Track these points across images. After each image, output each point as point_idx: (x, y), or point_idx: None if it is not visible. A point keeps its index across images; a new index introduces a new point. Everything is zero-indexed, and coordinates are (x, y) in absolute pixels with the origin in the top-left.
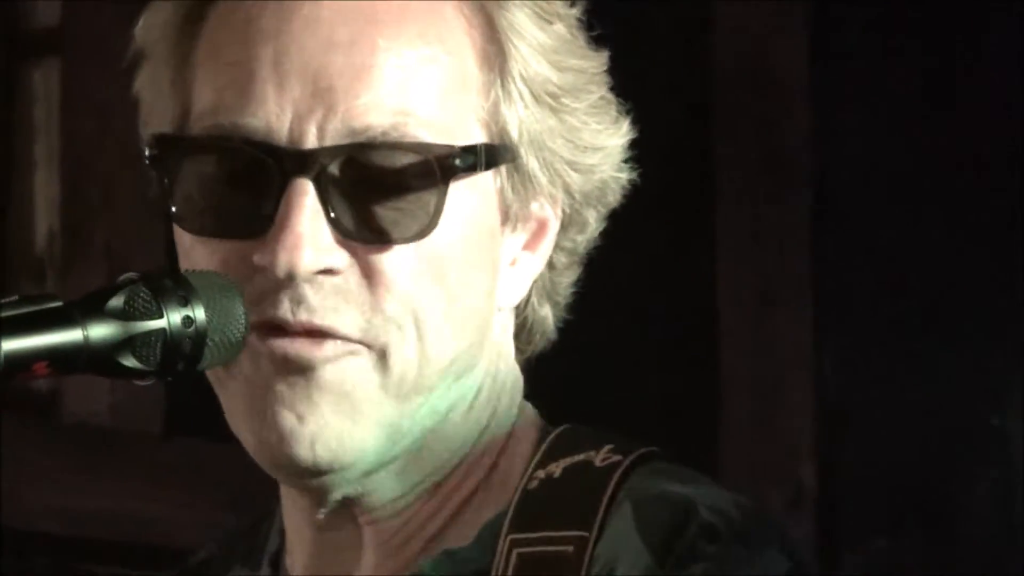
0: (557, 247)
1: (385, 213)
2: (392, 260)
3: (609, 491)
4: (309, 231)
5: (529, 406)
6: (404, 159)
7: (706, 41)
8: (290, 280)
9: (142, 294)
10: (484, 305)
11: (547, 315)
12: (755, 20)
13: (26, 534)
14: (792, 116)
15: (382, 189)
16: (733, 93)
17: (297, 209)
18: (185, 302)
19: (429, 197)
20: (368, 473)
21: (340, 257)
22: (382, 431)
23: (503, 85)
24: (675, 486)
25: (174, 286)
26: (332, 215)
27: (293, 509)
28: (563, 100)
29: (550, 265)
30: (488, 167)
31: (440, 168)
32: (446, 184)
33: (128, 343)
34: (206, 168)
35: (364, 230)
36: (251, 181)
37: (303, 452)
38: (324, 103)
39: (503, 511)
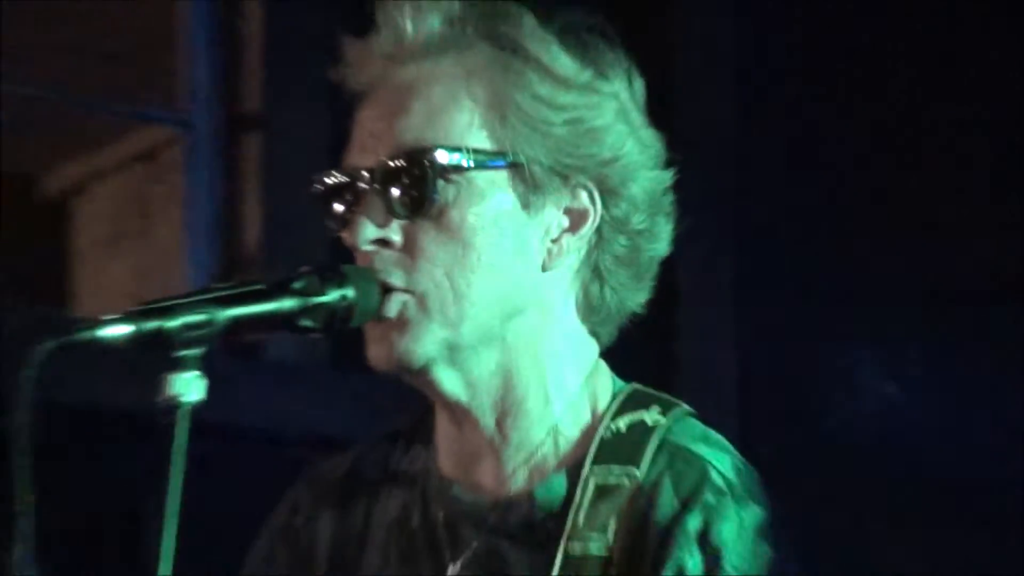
0: (613, 235)
1: (407, 198)
2: (421, 232)
3: (654, 443)
4: (364, 219)
5: (603, 365)
6: (415, 162)
7: None
8: (357, 250)
9: (314, 279)
10: (517, 265)
11: (596, 292)
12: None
13: (235, 427)
14: None
15: (405, 183)
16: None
17: (361, 206)
18: (341, 285)
19: (423, 184)
20: (443, 368)
21: (394, 232)
22: (436, 344)
23: (502, 119)
24: (698, 447)
25: (333, 275)
26: (389, 205)
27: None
28: (554, 126)
29: (609, 252)
30: (482, 166)
31: (429, 163)
32: (434, 174)
33: (305, 311)
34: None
35: (401, 210)
36: (349, 198)
37: (386, 360)
38: (379, 140)
39: (583, 454)
